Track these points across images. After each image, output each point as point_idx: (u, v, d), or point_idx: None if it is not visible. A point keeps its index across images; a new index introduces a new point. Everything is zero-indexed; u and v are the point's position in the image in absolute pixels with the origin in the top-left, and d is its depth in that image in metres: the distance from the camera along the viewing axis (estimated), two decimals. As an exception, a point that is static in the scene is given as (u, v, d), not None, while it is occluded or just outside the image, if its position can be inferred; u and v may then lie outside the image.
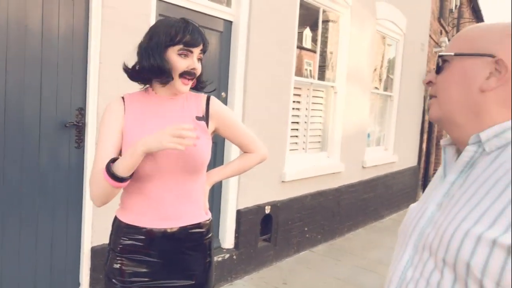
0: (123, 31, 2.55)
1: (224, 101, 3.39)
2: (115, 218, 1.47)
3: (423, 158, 7.48)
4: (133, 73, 1.43)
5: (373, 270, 3.95)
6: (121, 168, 1.28)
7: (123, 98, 1.47)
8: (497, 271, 0.64)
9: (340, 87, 4.73)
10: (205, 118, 1.48)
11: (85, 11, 2.45)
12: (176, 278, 1.42)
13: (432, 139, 7.82)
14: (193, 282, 1.44)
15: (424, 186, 7.34)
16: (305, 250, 4.35)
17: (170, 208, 1.41)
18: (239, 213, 3.55)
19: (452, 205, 0.76)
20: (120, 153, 1.40)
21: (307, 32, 4.59)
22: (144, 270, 1.40)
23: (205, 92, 1.53)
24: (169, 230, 1.40)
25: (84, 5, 2.44)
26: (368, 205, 5.54)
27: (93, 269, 2.60)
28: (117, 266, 1.41)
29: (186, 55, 1.37)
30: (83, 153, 2.52)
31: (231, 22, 3.39)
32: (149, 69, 1.37)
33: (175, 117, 1.43)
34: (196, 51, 1.39)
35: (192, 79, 1.42)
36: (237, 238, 3.56)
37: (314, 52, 4.59)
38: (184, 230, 1.42)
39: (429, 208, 0.81)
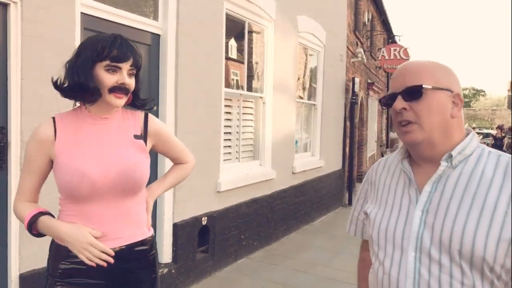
0: (46, 45, 2.44)
1: (155, 113, 3.37)
2: (53, 242, 1.41)
3: (347, 162, 7.97)
4: (64, 91, 1.37)
5: (306, 271, 4.14)
6: (41, 229, 1.37)
7: (53, 118, 1.39)
8: (502, 258, 0.90)
9: (268, 97, 4.92)
10: (144, 136, 1.47)
11: (3, 24, 2.31)
12: None
13: (354, 143, 8.35)
14: None
15: (349, 188, 7.79)
16: (243, 257, 4.43)
17: (111, 228, 1.38)
18: (175, 226, 3.52)
19: (443, 211, 0.96)
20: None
21: (233, 43, 4.71)
22: None
23: (143, 110, 1.50)
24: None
25: (1, 17, 2.30)
26: (300, 209, 5.78)
27: (21, 298, 2.42)
28: None
29: (114, 71, 1.32)
30: (6, 174, 2.36)
31: (158, 35, 3.39)
32: (74, 87, 1.32)
33: (113, 139, 1.40)
34: (125, 66, 1.33)
35: (125, 94, 1.36)
36: (174, 251, 3.52)
37: (243, 63, 4.73)
38: (128, 248, 1.41)
39: (416, 215, 1.00)
